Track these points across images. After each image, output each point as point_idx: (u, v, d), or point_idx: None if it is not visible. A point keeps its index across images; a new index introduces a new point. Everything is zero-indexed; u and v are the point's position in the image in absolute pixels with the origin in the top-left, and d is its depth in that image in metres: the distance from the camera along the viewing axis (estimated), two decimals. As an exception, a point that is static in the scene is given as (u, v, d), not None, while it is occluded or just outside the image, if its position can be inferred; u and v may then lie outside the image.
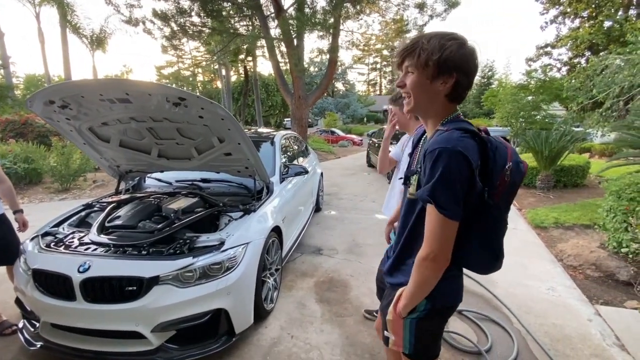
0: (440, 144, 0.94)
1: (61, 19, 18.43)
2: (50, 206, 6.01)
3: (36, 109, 2.23)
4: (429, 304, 1.09)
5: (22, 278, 2.05)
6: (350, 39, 12.90)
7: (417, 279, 1.04)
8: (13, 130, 10.34)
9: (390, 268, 1.24)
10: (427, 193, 0.95)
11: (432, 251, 0.98)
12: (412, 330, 1.13)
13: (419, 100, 1.04)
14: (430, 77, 0.99)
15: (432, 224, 0.98)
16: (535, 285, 3.00)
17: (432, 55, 0.96)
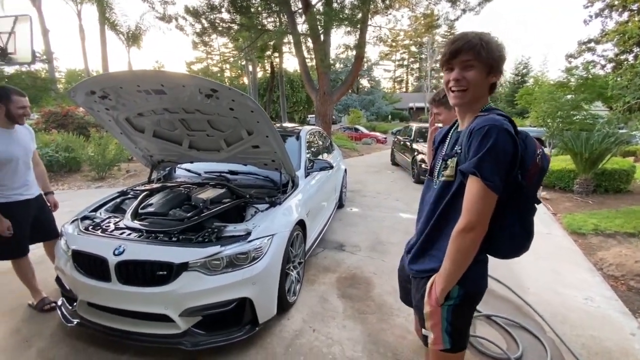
0: (488, 122, 1.00)
1: (100, 16, 19.40)
2: (88, 193, 6.37)
3: (78, 99, 2.34)
4: (462, 289, 1.11)
5: (63, 258, 2.17)
6: (377, 35, 12.68)
7: (454, 255, 1.06)
8: (55, 121, 11.03)
9: (417, 255, 1.25)
10: (472, 165, 0.99)
11: (470, 221, 1.01)
12: (449, 319, 1.14)
13: (475, 93, 1.10)
14: (487, 73, 1.08)
15: (473, 196, 1.01)
16: (571, 294, 2.83)
17: (494, 53, 1.06)
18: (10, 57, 5.82)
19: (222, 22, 11.72)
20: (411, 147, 8.07)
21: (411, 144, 8.21)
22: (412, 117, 40.03)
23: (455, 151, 1.12)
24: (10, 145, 2.31)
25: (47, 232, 2.62)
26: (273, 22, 13.46)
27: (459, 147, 1.10)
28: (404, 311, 2.51)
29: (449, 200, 1.13)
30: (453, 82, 1.11)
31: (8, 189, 2.33)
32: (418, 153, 7.44)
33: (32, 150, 2.52)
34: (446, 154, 1.19)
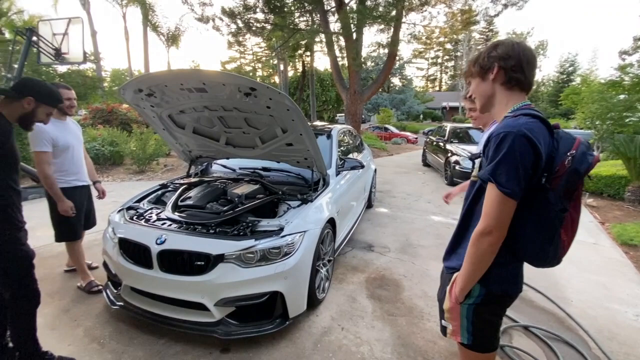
0: (505, 128, 1.00)
1: (143, 18, 20.53)
2: (129, 185, 6.79)
3: (127, 96, 2.50)
4: (484, 288, 1.11)
5: (109, 244, 2.33)
6: (411, 32, 12.40)
7: (472, 257, 1.07)
8: (101, 117, 11.81)
9: (448, 252, 1.30)
10: (488, 172, 1.01)
11: (487, 225, 1.02)
12: (469, 317, 1.16)
13: (481, 97, 1.20)
14: (480, 77, 1.18)
15: (490, 201, 1.02)
16: (621, 310, 2.62)
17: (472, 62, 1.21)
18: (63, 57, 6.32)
19: (256, 22, 11.99)
20: (444, 148, 7.82)
21: (445, 144, 7.95)
22: (445, 116, 38.76)
23: (480, 153, 1.16)
24: (67, 134, 2.60)
25: (91, 221, 2.94)
26: (305, 22, 13.57)
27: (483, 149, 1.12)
28: (435, 315, 2.45)
29: (472, 200, 1.16)
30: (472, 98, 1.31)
31: (68, 174, 2.61)
32: (452, 154, 7.20)
33: (82, 142, 2.81)
34: (475, 154, 1.25)
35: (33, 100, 1.75)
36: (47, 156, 2.44)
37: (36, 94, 1.76)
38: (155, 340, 2.14)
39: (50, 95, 1.84)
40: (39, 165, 2.42)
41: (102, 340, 2.16)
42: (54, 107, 1.90)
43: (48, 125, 2.40)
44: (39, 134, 2.40)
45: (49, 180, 2.44)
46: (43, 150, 2.42)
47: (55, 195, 2.47)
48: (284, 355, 2.02)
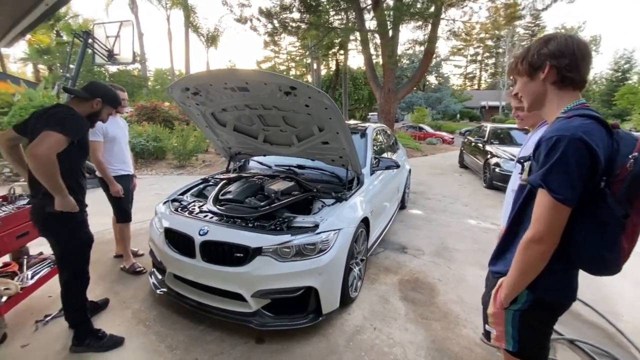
0: (558, 132, 0.95)
1: (185, 20, 21.55)
2: (171, 179, 7.19)
3: (175, 94, 2.65)
4: (531, 294, 1.07)
5: (156, 234, 2.49)
6: (450, 28, 11.94)
7: (520, 264, 1.03)
8: (145, 114, 12.59)
9: (495, 256, 1.25)
10: (539, 178, 0.96)
11: (538, 232, 0.97)
12: (514, 324, 1.12)
13: (528, 97, 1.14)
14: (528, 75, 1.10)
15: (541, 207, 0.97)
16: (686, 331, 2.38)
17: (519, 59, 1.13)
18: (115, 58, 6.80)
19: (292, 21, 12.16)
20: (484, 149, 7.47)
21: (484, 145, 7.59)
22: (484, 116, 36.98)
23: (529, 155, 1.09)
24: (116, 128, 2.90)
25: None
26: (340, 20, 13.55)
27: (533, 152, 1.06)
28: (471, 322, 2.37)
29: (521, 204, 1.10)
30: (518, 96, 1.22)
31: (114, 163, 2.89)
32: (492, 156, 6.86)
33: (127, 137, 3.10)
34: (524, 157, 1.18)
35: (100, 102, 1.99)
36: (100, 145, 2.76)
37: (104, 96, 2.00)
38: (195, 326, 2.27)
39: (114, 99, 2.08)
40: (93, 152, 2.70)
41: (148, 322, 2.32)
42: (115, 108, 2.13)
43: None
44: None
45: (102, 166, 2.76)
46: (96, 139, 2.72)
47: (107, 179, 2.79)
48: (316, 350, 2.06)
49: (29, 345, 2.04)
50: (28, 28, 2.60)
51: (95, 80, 2.33)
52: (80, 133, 1.82)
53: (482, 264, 3.32)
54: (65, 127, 1.71)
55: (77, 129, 1.80)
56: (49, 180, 1.70)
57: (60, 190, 1.74)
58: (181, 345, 2.08)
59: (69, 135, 1.72)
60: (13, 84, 9.55)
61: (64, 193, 1.76)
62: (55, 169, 1.69)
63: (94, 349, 2.01)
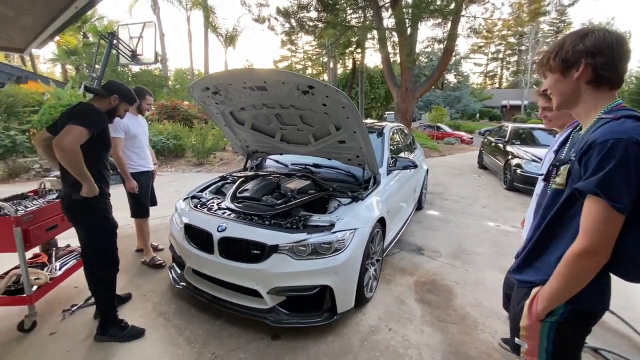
0: (613, 134, 0.88)
1: (205, 20, 21.95)
2: (190, 176, 7.36)
3: (195, 94, 2.71)
4: (568, 305, 1.01)
5: (176, 229, 2.56)
6: (471, 25, 11.66)
7: (566, 277, 0.96)
8: (165, 113, 12.93)
9: (521, 264, 1.18)
10: (594, 184, 0.88)
11: (591, 245, 0.90)
12: (550, 337, 1.06)
13: (560, 95, 1.07)
14: (560, 72, 1.02)
15: (594, 217, 0.90)
16: None
17: (552, 54, 1.03)
18: (138, 58, 7.01)
19: (309, 20, 12.18)
20: (504, 150, 7.26)
21: (505, 145, 7.38)
22: (505, 116, 35.93)
23: (569, 157, 1.01)
24: (137, 126, 3.05)
25: (152, 199, 3.35)
26: (358, 18, 13.46)
27: (574, 154, 0.99)
28: (489, 327, 2.31)
29: (558, 211, 1.03)
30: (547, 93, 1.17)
31: (138, 158, 3.05)
32: (513, 157, 6.66)
33: (147, 135, 3.25)
34: (559, 159, 1.10)
35: (117, 98, 2.14)
36: (121, 141, 2.90)
37: (120, 93, 2.16)
38: (212, 320, 2.32)
39: (129, 96, 2.24)
40: (114, 148, 2.84)
41: (167, 315, 2.38)
42: (130, 105, 2.28)
43: None
44: (115, 123, 2.86)
45: (121, 162, 2.89)
46: (117, 136, 2.86)
47: (124, 174, 2.93)
48: (331, 349, 2.06)
49: (57, 333, 2.15)
50: (58, 30, 2.71)
51: (112, 79, 2.48)
52: (100, 126, 1.96)
53: (501, 267, 3.23)
54: (85, 120, 1.87)
55: (96, 122, 1.94)
56: (74, 168, 1.85)
57: (86, 177, 1.89)
58: (199, 339, 2.13)
59: (90, 127, 1.87)
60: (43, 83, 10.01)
61: (90, 180, 1.91)
62: (79, 158, 1.85)
63: (116, 339, 2.09)
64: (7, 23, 2.59)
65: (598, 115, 0.98)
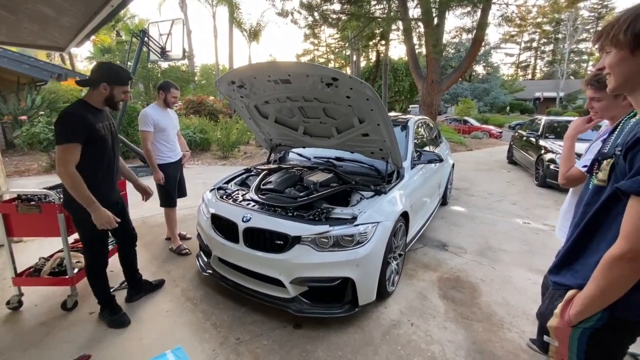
0: None
1: (230, 16, 22.24)
2: (215, 169, 7.57)
3: (222, 88, 2.78)
4: (607, 312, 0.93)
5: (203, 219, 2.66)
6: (503, 13, 11.09)
7: (602, 282, 0.89)
8: (192, 108, 13.32)
9: (558, 265, 1.10)
10: (639, 184, 0.80)
11: (632, 250, 0.82)
12: (581, 344, 0.98)
13: (621, 76, 0.93)
14: (629, 49, 0.88)
15: (637, 219, 0.81)
16: None
17: (622, 27, 0.87)
18: (167, 55, 7.23)
19: (332, 13, 12.05)
20: (537, 144, 6.91)
21: (537, 140, 7.02)
22: (538, 109, 34.08)
23: (614, 152, 0.92)
24: (166, 120, 3.15)
25: (183, 192, 3.48)
26: (382, 10, 13.16)
27: (619, 148, 0.90)
28: (517, 326, 2.24)
29: (599, 209, 0.95)
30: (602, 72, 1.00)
31: (163, 151, 3.15)
32: (546, 151, 6.33)
33: (177, 128, 3.36)
34: (602, 152, 1.00)
35: (106, 85, 1.95)
36: (149, 135, 3.04)
37: (108, 79, 1.95)
38: (237, 307, 2.40)
39: (119, 76, 1.99)
40: (143, 141, 3.05)
41: (195, 300, 2.49)
42: (125, 85, 2.02)
43: (152, 111, 3.05)
44: (144, 117, 3.03)
45: (149, 154, 3.05)
46: (146, 129, 3.02)
47: (151, 166, 3.08)
48: (352, 340, 2.08)
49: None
50: (95, 28, 2.86)
51: (100, 62, 2.40)
52: (80, 132, 1.82)
53: (531, 266, 3.11)
54: (63, 134, 1.78)
55: (76, 130, 1.80)
56: (75, 194, 1.83)
57: (89, 202, 1.86)
58: (225, 325, 2.21)
59: (72, 139, 1.79)
60: (81, 81, 10.55)
61: (93, 205, 1.87)
62: (79, 182, 1.81)
63: (105, 321, 2.20)
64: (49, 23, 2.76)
65: None
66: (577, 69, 42.41)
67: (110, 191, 2.13)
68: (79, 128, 1.83)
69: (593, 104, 1.58)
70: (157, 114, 3.08)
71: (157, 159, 3.11)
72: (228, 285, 2.41)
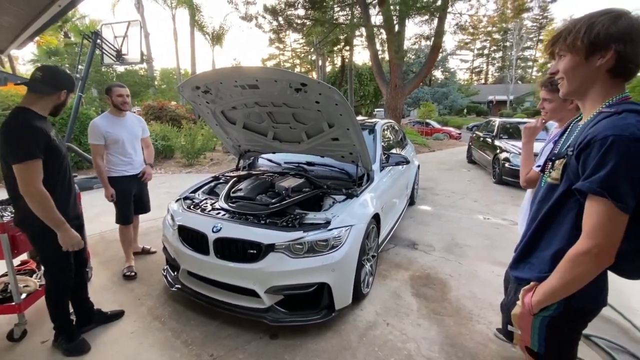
0: (614, 130, 0.83)
1: (191, 19, 21.60)
2: (180, 177, 7.26)
3: (185, 93, 2.67)
4: (562, 301, 1.00)
5: (169, 231, 2.52)
6: (457, 22, 11.80)
7: (566, 276, 0.94)
8: (152, 113, 12.72)
9: (517, 260, 1.17)
10: (597, 185, 0.84)
11: (596, 245, 0.87)
12: (542, 331, 1.06)
13: (575, 81, 0.97)
14: (584, 56, 0.91)
15: (599, 217, 0.86)
16: None
17: (580, 34, 0.90)
18: (123, 58, 6.85)
19: (297, 18, 12.13)
20: (493, 144, 7.39)
21: (493, 140, 7.51)
22: (492, 111, 36.48)
23: (566, 152, 0.97)
24: (118, 129, 2.85)
25: (143, 207, 3.19)
26: (345, 16, 13.47)
27: (570, 149, 0.95)
28: (484, 318, 2.36)
29: (552, 206, 1.01)
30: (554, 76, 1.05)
31: (117, 164, 2.88)
32: (501, 151, 6.78)
33: (138, 137, 3.03)
34: (555, 153, 1.07)
35: (66, 93, 1.83)
36: (98, 148, 2.80)
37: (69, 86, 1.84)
38: (210, 322, 2.29)
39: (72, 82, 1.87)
40: (92, 155, 2.83)
41: (163, 318, 2.35)
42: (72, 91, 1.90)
43: (102, 122, 2.80)
44: (92, 129, 2.78)
45: (98, 169, 2.83)
46: (95, 143, 2.79)
47: (102, 182, 2.85)
48: (330, 345, 2.07)
49: (48, 341, 2.09)
50: (40, 29, 2.64)
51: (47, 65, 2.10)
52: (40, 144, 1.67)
53: (494, 259, 3.30)
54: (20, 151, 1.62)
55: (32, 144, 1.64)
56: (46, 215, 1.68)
57: (60, 223, 1.72)
58: (197, 341, 2.11)
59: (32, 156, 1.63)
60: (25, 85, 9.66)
61: (62, 227, 1.73)
62: (48, 200, 1.67)
63: (61, 350, 1.99)
64: (-14, 22, 2.51)
65: (599, 109, 0.93)
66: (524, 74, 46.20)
67: (71, 206, 1.95)
68: (37, 140, 1.66)
69: (545, 104, 1.69)
70: (108, 124, 2.81)
71: (109, 172, 2.85)
72: (199, 300, 2.30)
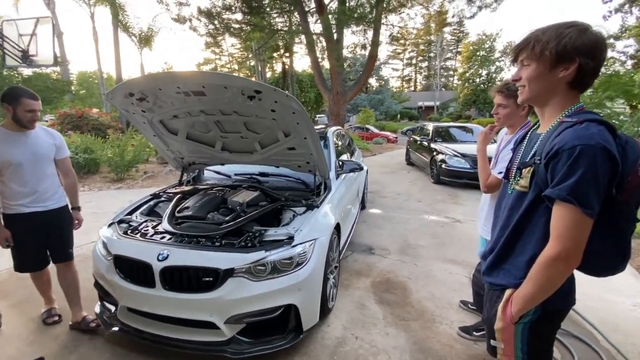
0: (581, 140, 0.88)
1: (113, 18, 19.57)
2: (108, 194, 6.41)
3: (116, 101, 2.31)
4: (541, 305, 1.02)
5: (102, 263, 2.13)
6: (391, 33, 12.58)
7: (540, 281, 0.98)
8: (70, 122, 11.16)
9: (490, 267, 1.18)
10: (566, 192, 0.89)
11: (565, 250, 0.92)
12: (524, 338, 1.08)
13: (536, 90, 1.01)
14: (549, 66, 0.95)
15: (566, 222, 0.91)
16: (619, 300, 2.71)
17: (548, 44, 0.92)
18: (31, 60, 5.86)
19: (234, 22, 11.75)
20: (429, 147, 7.95)
21: (429, 143, 8.08)
22: (422, 116, 39.74)
23: (534, 161, 1.01)
24: (12, 149, 2.06)
25: (61, 252, 2.32)
26: (283, 22, 13.45)
27: (538, 157, 0.99)
28: (446, 318, 2.43)
29: (523, 213, 1.05)
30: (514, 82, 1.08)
31: (12, 198, 2.11)
32: (437, 153, 7.32)
33: (47, 157, 2.22)
34: (522, 162, 1.10)
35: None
36: None
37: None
38: (159, 364, 1.98)
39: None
40: None
41: (99, 368, 1.97)
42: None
43: None
44: None
45: None
46: None
47: None
48: (300, 371, 1.93)
49: None
50: None
51: None
52: None
53: (444, 257, 3.47)
54: None
55: None
56: None
57: None
58: (144, 391, 1.80)
59: None
60: None
61: None
62: None
63: None
64: None
65: (559, 118, 0.98)
66: (447, 82, 51.31)
67: None
68: None
69: (499, 110, 1.76)
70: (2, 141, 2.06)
71: (4, 208, 2.12)
72: (144, 340, 1.97)
